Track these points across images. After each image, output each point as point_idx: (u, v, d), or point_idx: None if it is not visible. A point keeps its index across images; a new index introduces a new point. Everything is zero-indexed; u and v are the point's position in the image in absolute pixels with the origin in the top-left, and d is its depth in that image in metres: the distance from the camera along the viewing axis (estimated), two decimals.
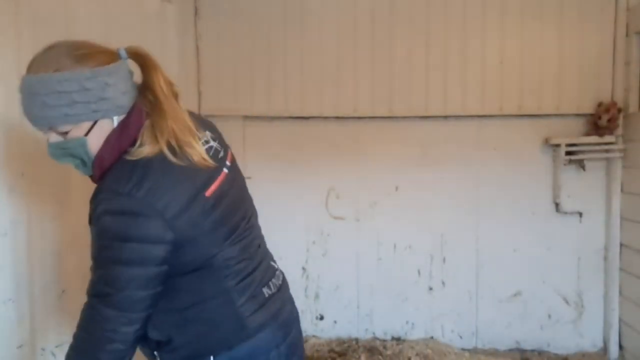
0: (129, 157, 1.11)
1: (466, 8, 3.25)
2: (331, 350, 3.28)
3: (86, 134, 1.12)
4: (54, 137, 1.13)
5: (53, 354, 1.98)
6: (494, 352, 3.34)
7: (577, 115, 3.25)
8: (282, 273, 1.50)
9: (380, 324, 3.44)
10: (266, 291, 1.31)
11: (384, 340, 3.40)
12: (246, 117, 3.39)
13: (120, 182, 1.08)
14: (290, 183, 3.41)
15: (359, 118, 3.35)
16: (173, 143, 1.13)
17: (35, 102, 1.06)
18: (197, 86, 3.36)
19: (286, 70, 3.34)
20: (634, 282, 3.07)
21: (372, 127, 3.36)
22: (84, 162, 1.16)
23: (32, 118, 1.10)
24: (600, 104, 3.16)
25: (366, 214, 3.41)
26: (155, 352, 1.26)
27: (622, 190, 3.19)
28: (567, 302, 3.34)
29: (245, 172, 3.64)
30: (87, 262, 2.06)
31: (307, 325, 3.46)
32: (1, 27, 1.73)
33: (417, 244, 3.39)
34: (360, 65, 3.32)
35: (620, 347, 3.24)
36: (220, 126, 1.48)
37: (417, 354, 3.20)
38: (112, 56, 1.17)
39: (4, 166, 1.75)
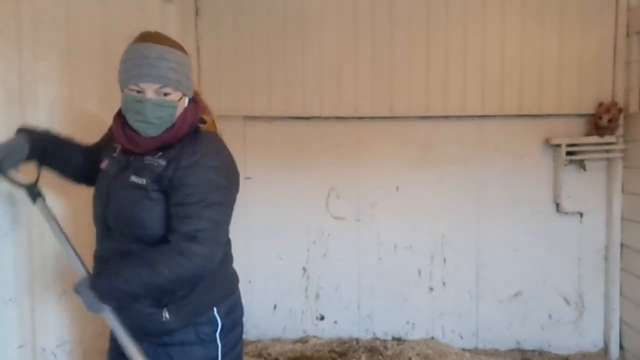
0: (204, 130, 1.48)
1: (467, 8, 3.25)
2: (332, 351, 3.28)
3: (178, 100, 1.41)
4: (153, 95, 1.36)
5: (54, 354, 1.98)
6: (495, 352, 3.34)
7: (578, 115, 3.25)
8: None
9: (381, 324, 3.44)
10: (232, 252, 1.67)
11: (385, 341, 3.40)
12: (247, 117, 3.39)
13: (213, 145, 1.46)
14: (291, 183, 3.41)
15: (360, 118, 3.35)
16: (218, 127, 1.57)
17: (165, 64, 1.35)
18: (198, 86, 3.35)
19: (287, 71, 3.34)
20: (635, 282, 3.07)
21: (372, 127, 3.36)
22: (161, 123, 1.39)
23: (153, 75, 1.34)
24: (600, 104, 3.16)
25: (367, 214, 3.41)
26: (165, 308, 1.43)
27: (622, 190, 3.19)
28: (567, 302, 3.34)
29: (245, 172, 3.65)
30: (87, 262, 2.06)
31: (308, 326, 3.47)
32: (2, 28, 1.73)
33: (417, 244, 3.39)
34: (361, 65, 3.32)
35: (621, 347, 3.24)
36: (220, 126, 1.53)
37: (417, 354, 3.20)
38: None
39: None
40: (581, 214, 3.29)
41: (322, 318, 3.47)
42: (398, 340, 3.41)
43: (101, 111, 2.29)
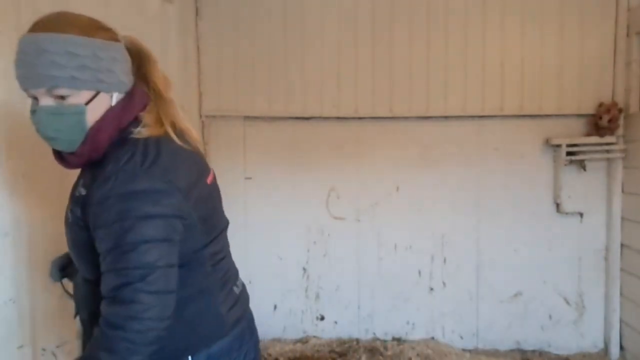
0: (134, 136, 1.10)
1: (467, 8, 3.25)
2: (332, 351, 3.28)
3: (85, 103, 1.07)
4: (47, 101, 1.06)
5: (54, 355, 1.98)
6: (495, 353, 3.34)
7: (578, 115, 3.25)
8: None
9: (381, 324, 3.44)
10: (236, 289, 1.33)
11: (385, 341, 3.40)
12: (247, 118, 3.39)
13: (136, 160, 1.05)
14: (291, 183, 3.41)
15: (360, 118, 3.35)
16: (176, 127, 1.18)
17: (43, 59, 1.02)
18: (198, 86, 3.36)
19: (287, 71, 3.34)
20: (635, 282, 3.07)
21: (372, 128, 3.36)
22: (69, 135, 1.08)
23: (33, 76, 1.04)
24: (601, 105, 3.15)
25: (367, 214, 3.41)
26: None
27: (622, 190, 3.19)
28: (567, 302, 3.34)
29: (245, 173, 3.65)
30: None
31: (308, 326, 3.47)
32: (2, 28, 1.73)
33: (417, 244, 3.39)
34: (361, 65, 3.32)
35: (621, 347, 3.24)
36: (221, 126, 1.50)
37: (417, 355, 3.20)
38: (116, 36, 1.16)
39: (5, 167, 1.75)
40: (581, 214, 3.28)
41: (322, 318, 3.47)
42: (398, 340, 3.41)
43: None
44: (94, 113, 1.09)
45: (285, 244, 3.41)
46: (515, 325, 3.36)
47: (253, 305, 1.52)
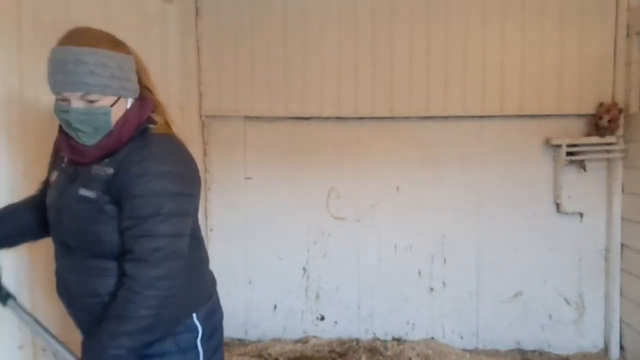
0: (155, 132, 1.34)
1: (467, 8, 3.25)
2: (332, 351, 3.28)
3: (111, 106, 1.28)
4: (78, 104, 1.25)
5: (54, 355, 1.98)
6: (495, 353, 3.34)
7: (578, 115, 3.25)
8: None
9: (381, 324, 3.44)
10: (209, 269, 1.60)
11: (385, 341, 3.40)
12: (247, 118, 3.39)
13: (165, 147, 1.32)
14: (291, 183, 3.41)
15: (360, 118, 3.35)
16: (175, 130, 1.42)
17: (83, 69, 1.21)
18: (198, 87, 3.36)
19: (287, 71, 3.34)
20: (635, 282, 3.07)
21: (372, 128, 3.36)
22: (95, 131, 1.27)
23: (72, 82, 1.22)
24: (601, 105, 3.15)
25: (367, 215, 3.40)
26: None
27: (623, 190, 3.19)
28: (568, 302, 3.34)
29: (245, 173, 3.65)
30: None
31: (308, 326, 3.47)
32: (3, 28, 1.73)
33: (417, 244, 3.39)
34: (361, 65, 3.32)
35: (621, 347, 3.24)
36: (221, 126, 1.53)
37: (417, 355, 3.20)
38: (129, 50, 1.35)
39: (6, 167, 1.75)
40: (581, 214, 3.28)
41: (322, 318, 3.47)
42: (398, 340, 3.41)
43: None
44: (115, 114, 1.29)
45: (285, 244, 3.41)
46: (516, 325, 3.36)
47: (253, 305, 1.57)
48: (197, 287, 1.46)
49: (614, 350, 3.24)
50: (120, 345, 1.21)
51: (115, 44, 1.29)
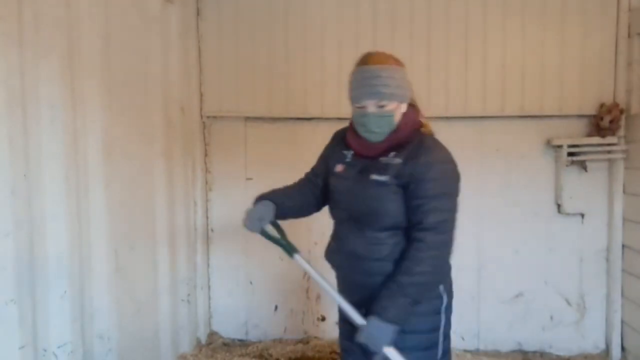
0: (424, 131, 1.71)
1: (468, 9, 3.25)
2: (333, 352, 3.27)
3: (394, 110, 1.61)
4: (373, 109, 1.59)
5: (55, 355, 1.98)
6: (496, 354, 3.34)
7: (579, 116, 3.24)
8: None
9: None
10: None
11: None
12: (248, 118, 3.39)
13: (440, 145, 1.70)
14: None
15: None
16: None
17: (379, 81, 1.57)
18: (199, 87, 3.36)
19: (288, 71, 3.34)
20: (636, 283, 3.07)
21: None
22: (383, 131, 1.62)
23: (369, 93, 1.58)
24: (602, 105, 3.15)
25: None
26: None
27: (624, 191, 3.19)
28: (569, 303, 3.33)
29: (246, 173, 3.65)
30: (88, 262, 2.07)
31: (309, 327, 3.46)
32: (4, 29, 1.74)
33: None
34: None
35: (623, 348, 3.23)
36: (222, 127, 1.51)
37: None
38: (404, 65, 1.71)
39: (7, 167, 1.75)
40: (582, 215, 3.28)
41: (323, 319, 3.47)
42: None
43: (102, 111, 2.30)
44: (397, 116, 1.63)
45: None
46: (517, 326, 3.36)
47: (254, 305, 1.55)
48: (445, 263, 1.68)
49: (616, 351, 3.24)
50: (407, 294, 1.51)
51: (399, 62, 1.67)
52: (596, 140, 3.14)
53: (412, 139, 1.65)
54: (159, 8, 2.87)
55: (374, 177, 1.62)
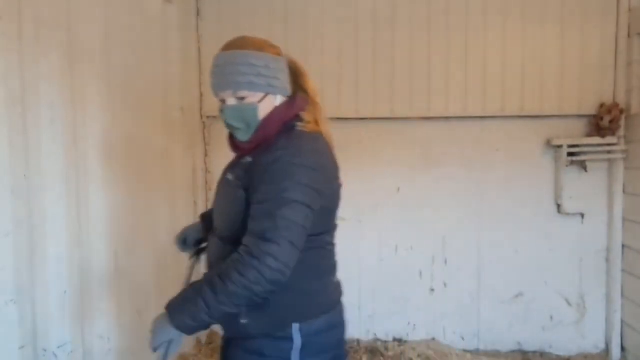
0: (300, 129, 1.41)
1: (468, 9, 3.25)
2: None
3: (258, 102, 1.38)
4: (232, 101, 1.38)
5: (55, 355, 1.98)
6: (496, 354, 3.34)
7: (579, 116, 3.24)
8: None
9: (382, 325, 3.44)
10: (336, 276, 1.58)
11: (386, 342, 3.40)
12: None
13: (303, 142, 1.37)
14: None
15: (361, 119, 3.35)
16: (326, 130, 1.50)
17: (231, 69, 1.35)
18: (199, 87, 3.36)
19: None
20: (636, 283, 3.07)
21: (373, 128, 3.36)
22: (248, 126, 1.39)
23: (223, 82, 1.37)
24: (602, 105, 3.15)
25: (368, 215, 3.40)
26: (244, 319, 1.36)
27: (624, 191, 3.19)
28: (569, 303, 3.33)
29: None
30: (88, 263, 2.07)
31: None
32: (4, 29, 1.74)
33: (418, 245, 3.39)
34: (362, 66, 3.32)
35: (623, 348, 3.23)
36: (222, 127, 1.51)
37: (418, 356, 3.20)
38: (280, 52, 1.45)
39: (7, 167, 1.75)
40: (582, 215, 3.28)
41: None
42: (399, 341, 3.40)
43: (102, 111, 2.30)
44: (264, 110, 1.39)
45: None
46: (517, 326, 3.36)
47: None
48: (308, 296, 1.40)
49: (615, 351, 3.24)
50: (201, 293, 1.25)
51: (263, 47, 1.40)
52: (596, 140, 3.15)
53: (281, 136, 1.38)
54: (159, 8, 2.87)
55: (228, 176, 1.44)
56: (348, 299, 3.52)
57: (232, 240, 1.35)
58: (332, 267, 1.52)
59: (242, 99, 1.38)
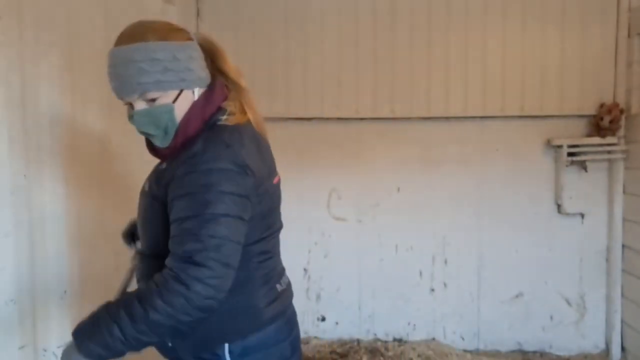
0: (222, 123, 1.21)
1: (468, 9, 3.25)
2: (333, 352, 3.28)
3: (173, 102, 1.18)
4: (141, 105, 1.18)
5: (55, 355, 1.98)
6: (496, 354, 3.34)
7: (579, 116, 3.24)
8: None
9: (382, 325, 3.44)
10: (278, 287, 1.36)
11: (386, 342, 3.40)
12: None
13: (223, 142, 1.15)
14: (292, 184, 3.39)
15: (361, 119, 3.35)
16: (256, 115, 1.32)
17: (132, 68, 1.12)
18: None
19: (288, 72, 3.34)
20: (636, 283, 3.07)
21: (373, 128, 3.36)
22: (165, 131, 1.20)
23: (125, 85, 1.15)
24: (602, 105, 3.15)
25: (368, 215, 3.40)
26: (170, 341, 1.25)
27: (624, 191, 3.19)
28: (569, 303, 3.33)
29: None
30: (88, 263, 2.07)
31: (309, 327, 3.46)
32: (4, 28, 1.74)
33: (418, 245, 3.39)
34: (362, 66, 3.32)
35: (623, 348, 3.23)
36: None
37: (418, 356, 3.20)
38: (189, 35, 1.24)
39: (7, 167, 1.75)
40: (582, 215, 3.28)
41: (323, 319, 3.47)
42: (399, 341, 3.40)
43: (102, 111, 2.30)
44: (180, 109, 1.19)
45: (286, 244, 3.38)
46: (517, 326, 3.36)
47: None
48: (240, 313, 1.24)
49: (616, 351, 3.24)
50: (117, 319, 1.07)
51: (168, 33, 1.18)
52: (596, 140, 3.15)
53: (201, 136, 1.19)
54: (159, 9, 2.87)
55: (144, 184, 1.29)
56: (348, 299, 3.56)
57: (153, 255, 1.22)
58: (268, 278, 1.31)
59: (153, 100, 1.17)
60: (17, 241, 1.79)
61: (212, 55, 1.30)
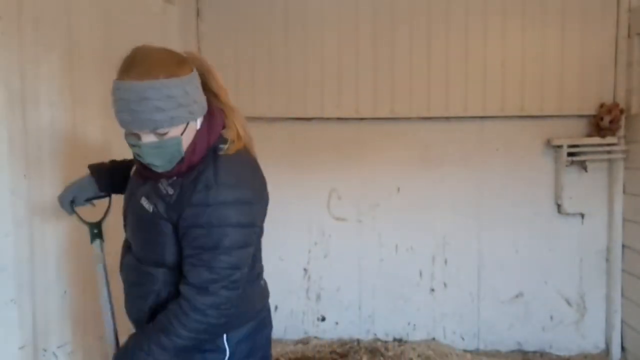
0: (224, 153, 1.28)
1: (468, 9, 3.25)
2: (333, 352, 3.28)
3: (181, 134, 1.23)
4: (150, 138, 1.20)
5: (55, 355, 1.98)
6: (496, 354, 3.34)
7: (579, 116, 3.24)
8: None
9: (382, 325, 3.44)
10: (262, 282, 1.54)
11: (386, 342, 3.40)
12: (247, 118, 3.35)
13: (232, 175, 1.25)
14: (292, 184, 3.41)
15: (361, 119, 3.35)
16: (246, 138, 1.39)
17: (145, 105, 1.14)
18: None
19: (288, 71, 3.34)
20: (636, 283, 3.07)
21: (373, 128, 3.36)
22: (170, 162, 1.24)
23: (138, 121, 1.16)
24: (602, 105, 3.15)
25: (368, 215, 3.40)
26: None
27: (624, 191, 3.19)
28: (569, 303, 3.33)
29: None
30: (88, 263, 2.06)
31: (309, 326, 3.46)
32: (4, 28, 1.74)
33: (418, 245, 3.39)
34: (362, 66, 3.32)
35: (623, 348, 3.23)
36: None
37: (418, 356, 3.20)
38: (190, 65, 1.27)
39: (7, 168, 1.75)
40: (582, 215, 3.28)
41: (323, 319, 3.47)
42: (399, 341, 3.40)
43: (102, 111, 2.30)
44: (187, 139, 1.25)
45: (286, 244, 3.41)
46: (517, 326, 3.36)
47: None
48: (238, 309, 1.37)
49: (616, 351, 3.24)
50: (151, 354, 1.24)
51: (177, 68, 1.21)
52: (596, 140, 3.14)
53: (202, 163, 1.26)
54: (159, 9, 2.87)
55: (142, 201, 1.32)
56: (348, 299, 3.56)
57: (152, 263, 1.34)
58: (258, 276, 1.49)
59: (163, 134, 1.20)
60: (18, 241, 1.79)
61: (203, 77, 1.32)
